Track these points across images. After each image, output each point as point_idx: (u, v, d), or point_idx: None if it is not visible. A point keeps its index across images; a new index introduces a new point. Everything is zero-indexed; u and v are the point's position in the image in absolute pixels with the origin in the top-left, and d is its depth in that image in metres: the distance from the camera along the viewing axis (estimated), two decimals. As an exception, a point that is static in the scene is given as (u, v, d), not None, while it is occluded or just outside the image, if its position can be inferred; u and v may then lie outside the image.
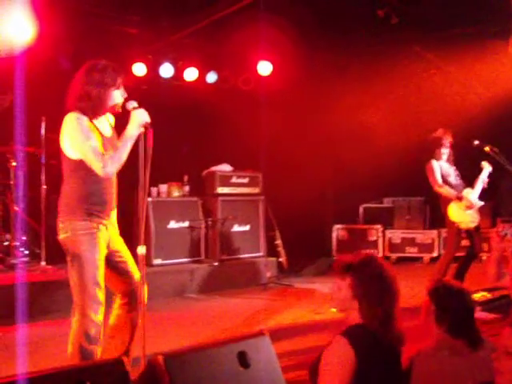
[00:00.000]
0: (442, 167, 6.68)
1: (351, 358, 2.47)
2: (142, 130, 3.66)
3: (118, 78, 3.77)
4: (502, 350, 2.22)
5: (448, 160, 6.78)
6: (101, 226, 3.72)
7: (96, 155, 3.58)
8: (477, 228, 6.61)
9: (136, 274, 3.91)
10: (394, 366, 2.63)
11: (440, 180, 6.58)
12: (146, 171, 3.63)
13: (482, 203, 6.61)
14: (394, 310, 2.62)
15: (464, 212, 6.47)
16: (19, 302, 5.41)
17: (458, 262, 6.71)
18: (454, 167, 6.83)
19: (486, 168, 6.64)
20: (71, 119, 3.65)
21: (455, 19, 8.57)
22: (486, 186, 6.69)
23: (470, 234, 6.63)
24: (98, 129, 3.74)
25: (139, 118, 3.66)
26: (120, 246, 3.91)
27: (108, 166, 3.59)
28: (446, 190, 6.53)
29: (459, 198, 6.47)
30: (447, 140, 6.69)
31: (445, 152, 6.70)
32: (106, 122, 3.87)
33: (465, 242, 6.92)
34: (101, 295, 3.66)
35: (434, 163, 6.63)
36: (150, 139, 3.63)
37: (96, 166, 3.59)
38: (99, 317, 3.65)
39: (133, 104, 3.75)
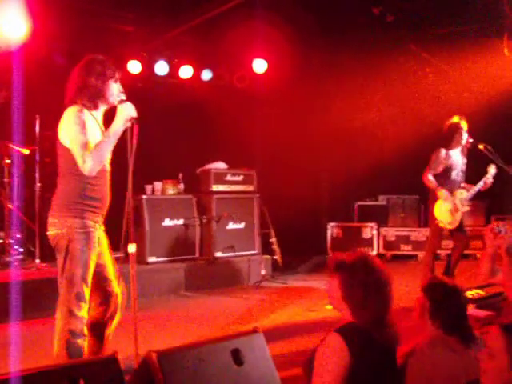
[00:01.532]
0: (452, 158, 6.54)
1: (345, 355, 2.47)
2: (129, 124, 3.62)
3: (117, 71, 3.78)
4: (486, 351, 2.22)
5: (462, 150, 6.69)
6: (97, 225, 3.70)
7: (81, 150, 3.52)
8: (458, 228, 6.60)
9: (114, 283, 3.85)
10: (389, 364, 2.64)
11: (433, 170, 6.49)
12: (130, 167, 3.60)
13: (467, 209, 6.59)
14: (385, 312, 2.60)
15: (448, 213, 6.47)
16: (14, 300, 5.41)
17: (447, 260, 6.75)
18: (465, 160, 6.73)
19: (490, 172, 6.58)
20: (72, 111, 3.62)
21: (450, 18, 8.59)
22: (489, 185, 6.61)
23: (452, 233, 6.65)
24: (97, 121, 3.73)
25: (125, 112, 3.62)
26: (104, 250, 3.85)
27: (87, 162, 3.50)
28: (429, 182, 6.47)
29: (436, 194, 6.43)
30: (464, 124, 6.60)
31: (464, 137, 6.61)
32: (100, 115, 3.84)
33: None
34: (87, 293, 3.64)
35: (442, 152, 6.50)
36: (135, 135, 3.60)
37: (78, 161, 3.54)
38: (83, 313, 3.61)
39: (120, 96, 3.73)
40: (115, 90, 3.76)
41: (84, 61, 3.76)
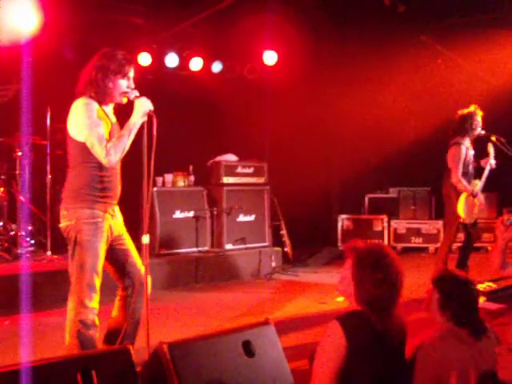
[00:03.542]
0: (468, 153, 6.45)
1: (342, 342, 2.49)
2: (146, 118, 3.66)
3: (126, 67, 3.74)
4: (505, 346, 2.21)
5: (472, 141, 6.61)
6: (106, 215, 3.72)
7: (100, 143, 3.56)
8: (474, 221, 6.59)
9: (139, 265, 3.87)
10: (393, 355, 2.63)
11: (461, 171, 6.41)
12: (150, 159, 3.64)
13: (483, 196, 6.56)
14: (392, 300, 2.62)
15: (470, 208, 6.43)
16: (25, 292, 5.44)
17: (458, 253, 6.73)
18: (473, 152, 6.67)
19: (491, 153, 6.52)
20: (80, 104, 3.65)
21: (462, 8, 8.52)
22: (494, 167, 6.56)
23: (469, 226, 6.62)
24: (107, 115, 3.74)
25: (143, 106, 3.64)
26: (123, 234, 3.90)
27: (111, 155, 3.56)
28: (463, 186, 6.38)
29: (474, 196, 6.40)
30: (480, 115, 6.48)
31: (479, 129, 6.48)
32: (111, 109, 3.86)
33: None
34: (97, 283, 3.66)
35: (463, 150, 6.38)
36: (154, 127, 3.62)
37: (99, 154, 3.57)
38: (94, 303, 3.64)
39: (135, 93, 3.74)
40: (121, 87, 3.74)
41: (97, 54, 3.78)
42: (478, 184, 6.48)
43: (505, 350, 2.20)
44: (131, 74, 3.78)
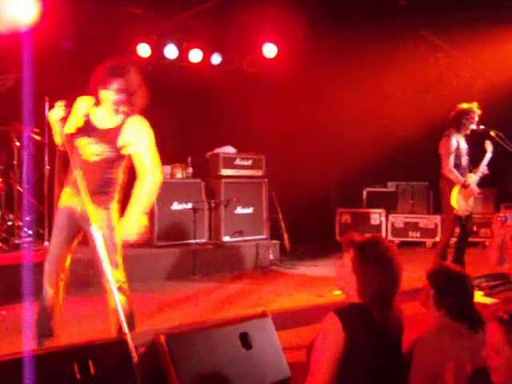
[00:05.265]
0: (459, 145, 6.48)
1: (340, 335, 2.48)
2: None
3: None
4: (489, 348, 2.22)
5: (465, 136, 6.61)
6: (71, 203, 3.98)
7: None
8: (469, 215, 6.61)
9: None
10: (391, 349, 2.64)
11: (452, 163, 6.44)
12: None
13: (478, 190, 6.57)
14: (391, 293, 2.61)
15: (464, 200, 6.45)
16: (23, 282, 5.44)
17: (454, 247, 6.75)
18: (467, 146, 6.67)
19: (489, 150, 6.54)
20: None
21: (463, 2, 8.50)
22: (486, 171, 6.60)
23: (462, 219, 6.64)
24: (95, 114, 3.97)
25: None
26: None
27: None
28: (454, 176, 6.42)
29: (465, 186, 6.41)
30: (477, 113, 6.49)
31: (472, 126, 6.50)
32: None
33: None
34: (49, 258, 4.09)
35: (453, 142, 6.42)
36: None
37: None
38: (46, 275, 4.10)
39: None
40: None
41: None
42: (473, 177, 6.50)
43: (490, 351, 2.22)
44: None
